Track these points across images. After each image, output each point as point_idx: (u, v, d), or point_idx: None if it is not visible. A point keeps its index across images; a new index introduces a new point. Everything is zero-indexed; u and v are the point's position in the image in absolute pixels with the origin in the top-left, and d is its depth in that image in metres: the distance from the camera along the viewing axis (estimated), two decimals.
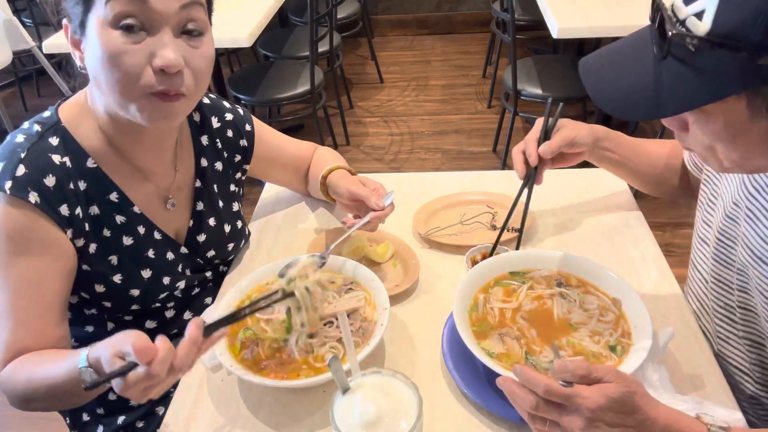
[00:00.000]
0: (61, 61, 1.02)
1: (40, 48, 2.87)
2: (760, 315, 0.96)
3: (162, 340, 0.77)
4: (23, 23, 3.50)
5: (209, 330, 0.82)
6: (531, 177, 1.16)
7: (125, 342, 0.77)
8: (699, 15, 0.67)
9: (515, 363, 0.94)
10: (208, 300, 1.25)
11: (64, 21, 0.96)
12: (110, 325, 1.15)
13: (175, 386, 1.05)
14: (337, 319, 1.02)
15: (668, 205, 2.88)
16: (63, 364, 0.88)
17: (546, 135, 1.16)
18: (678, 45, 0.69)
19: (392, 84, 4.36)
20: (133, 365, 0.76)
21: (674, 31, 0.69)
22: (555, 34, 2.41)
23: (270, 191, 1.52)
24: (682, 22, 0.69)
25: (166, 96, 0.93)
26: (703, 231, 1.10)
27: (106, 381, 0.76)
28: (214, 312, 1.06)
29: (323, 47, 3.35)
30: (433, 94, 4.18)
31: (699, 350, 1.02)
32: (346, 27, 4.20)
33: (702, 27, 0.67)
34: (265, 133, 1.33)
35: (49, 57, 3.49)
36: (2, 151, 0.99)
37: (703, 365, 0.99)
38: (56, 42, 2.68)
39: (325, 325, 1.04)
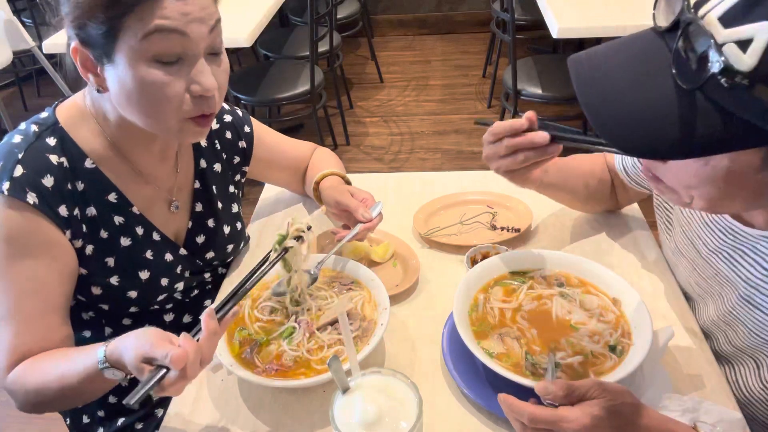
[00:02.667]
0: (62, 62, 1.00)
1: (40, 48, 2.87)
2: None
3: (186, 341, 0.81)
4: (23, 23, 3.49)
5: (220, 315, 0.88)
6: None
7: (147, 345, 0.80)
8: (743, 44, 0.54)
9: (515, 363, 0.94)
10: (207, 302, 1.25)
11: (73, 44, 0.92)
12: (108, 330, 1.14)
13: None
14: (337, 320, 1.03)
15: None
16: (78, 363, 0.89)
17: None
18: (712, 77, 0.56)
19: (392, 84, 4.36)
20: (166, 370, 0.79)
21: (717, 63, 0.55)
22: (555, 34, 2.42)
23: (269, 192, 1.52)
24: (719, 47, 0.56)
25: (203, 118, 0.96)
26: (671, 256, 1.13)
27: (146, 393, 0.78)
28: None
29: (323, 47, 3.35)
30: (433, 94, 4.18)
31: (699, 350, 1.02)
32: (346, 27, 4.20)
33: (746, 61, 0.54)
34: (265, 135, 1.33)
35: (49, 57, 3.48)
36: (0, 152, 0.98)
37: (703, 365, 0.99)
38: (56, 42, 2.68)
39: (325, 326, 1.04)
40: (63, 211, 0.98)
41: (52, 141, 0.99)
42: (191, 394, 1.01)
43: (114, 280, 1.07)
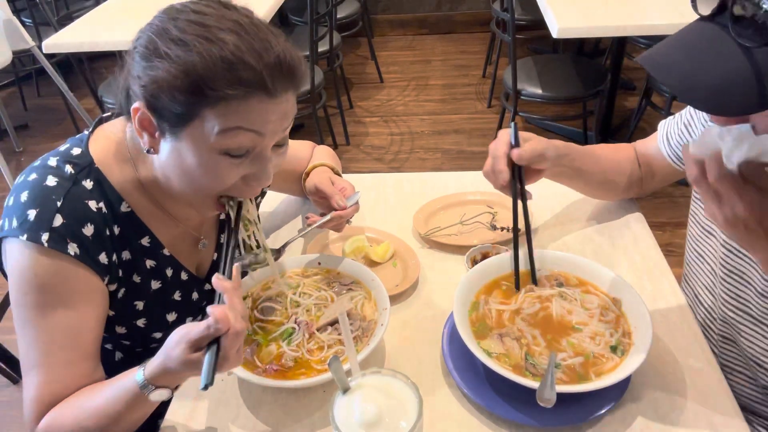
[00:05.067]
0: (61, 61, 0.97)
1: (39, 48, 2.87)
2: None
3: (214, 307, 0.81)
4: (23, 23, 3.49)
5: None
6: (516, 196, 1.10)
7: (185, 337, 0.81)
8: None
9: (515, 363, 0.94)
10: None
11: (137, 104, 0.87)
12: (118, 355, 1.13)
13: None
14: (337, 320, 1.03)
15: (668, 205, 2.88)
16: (116, 393, 0.87)
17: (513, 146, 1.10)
18: None
19: (392, 84, 4.36)
20: (217, 342, 0.79)
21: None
22: (555, 34, 2.41)
23: (268, 195, 1.52)
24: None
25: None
26: (709, 222, 1.10)
27: (213, 368, 0.78)
28: None
29: (323, 47, 3.35)
30: (433, 94, 4.18)
31: (699, 350, 1.02)
32: (346, 27, 4.19)
33: None
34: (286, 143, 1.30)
35: (49, 57, 3.48)
36: (33, 196, 0.92)
37: (703, 365, 0.99)
38: (56, 42, 2.68)
39: (325, 327, 1.04)
40: (103, 258, 0.95)
41: (89, 184, 0.95)
42: (191, 394, 1.01)
43: (141, 322, 1.06)
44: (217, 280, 0.85)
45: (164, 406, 1.01)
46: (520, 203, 1.12)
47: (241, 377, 0.96)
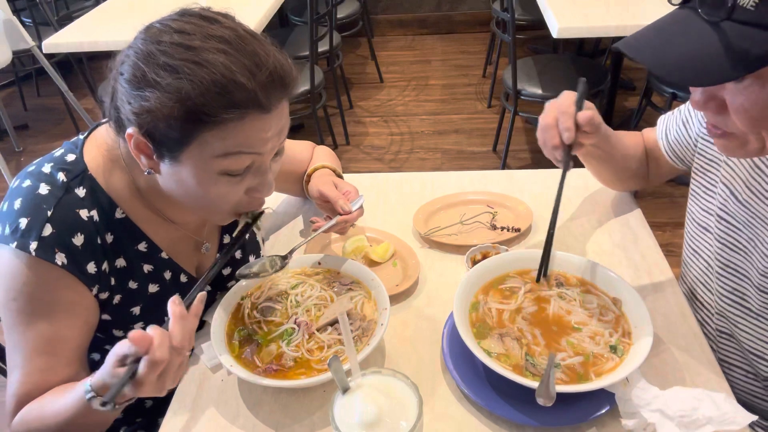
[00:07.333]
0: (61, 61, 0.97)
1: (39, 48, 2.87)
2: None
3: (152, 328, 0.78)
4: (23, 23, 3.49)
5: (187, 303, 0.85)
6: (567, 163, 1.04)
7: (114, 349, 0.79)
8: None
9: (515, 363, 0.94)
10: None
11: (130, 130, 0.86)
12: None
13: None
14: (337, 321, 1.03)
15: (668, 205, 2.88)
16: (69, 399, 0.87)
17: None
18: (738, 6, 0.72)
19: (392, 84, 4.36)
20: (136, 363, 0.76)
21: None
22: (555, 34, 2.41)
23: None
24: None
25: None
26: (703, 219, 1.11)
27: (120, 389, 0.76)
28: (217, 313, 1.06)
29: (323, 47, 3.35)
30: (433, 94, 4.18)
31: (699, 350, 1.02)
32: (346, 27, 4.20)
33: None
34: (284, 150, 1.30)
35: (49, 57, 3.48)
36: (25, 204, 0.92)
37: (704, 365, 0.99)
38: (56, 42, 2.68)
39: (325, 327, 1.04)
40: (91, 267, 0.95)
41: (81, 192, 0.95)
42: (191, 394, 1.02)
43: (138, 326, 1.05)
44: (171, 303, 0.82)
45: (164, 405, 1.02)
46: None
47: (241, 377, 0.96)
